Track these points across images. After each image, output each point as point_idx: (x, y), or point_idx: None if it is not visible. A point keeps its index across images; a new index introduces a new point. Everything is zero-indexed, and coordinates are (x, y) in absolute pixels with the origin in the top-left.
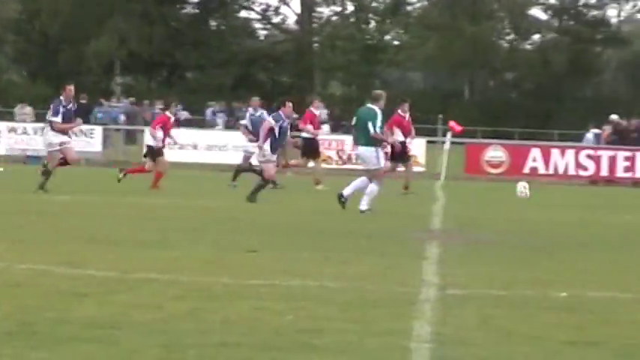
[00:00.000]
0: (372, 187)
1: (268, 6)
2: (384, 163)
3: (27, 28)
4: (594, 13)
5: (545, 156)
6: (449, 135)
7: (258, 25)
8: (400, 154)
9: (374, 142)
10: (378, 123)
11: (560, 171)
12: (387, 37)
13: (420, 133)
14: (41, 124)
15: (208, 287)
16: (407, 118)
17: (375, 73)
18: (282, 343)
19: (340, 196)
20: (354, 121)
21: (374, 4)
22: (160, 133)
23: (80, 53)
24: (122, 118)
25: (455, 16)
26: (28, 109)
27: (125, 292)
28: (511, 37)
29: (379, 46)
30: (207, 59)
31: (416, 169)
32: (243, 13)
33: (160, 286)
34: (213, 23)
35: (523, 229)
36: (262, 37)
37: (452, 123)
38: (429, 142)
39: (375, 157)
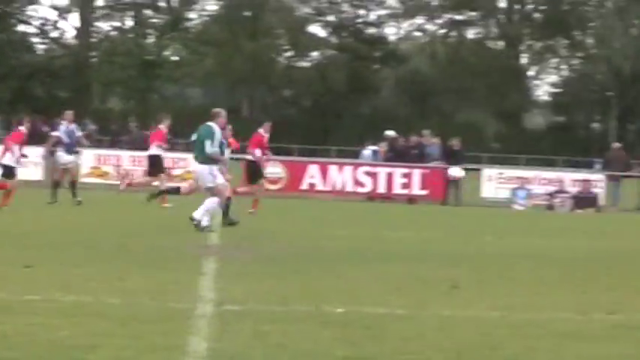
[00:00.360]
0: (212, 202)
1: (47, 20)
2: (220, 180)
3: None
4: (372, 30)
5: (323, 172)
6: (228, 151)
7: (35, 40)
8: (255, 173)
9: (209, 160)
10: (216, 142)
11: (338, 187)
12: (166, 53)
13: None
14: None
15: None
16: (266, 138)
17: (154, 89)
18: (56, 358)
19: (192, 218)
20: (193, 137)
21: (153, 20)
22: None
23: None
24: None
25: (234, 33)
26: None
27: None
28: (290, 53)
29: (157, 61)
30: None
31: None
32: (21, 27)
33: None
34: None
35: (301, 244)
36: (41, 52)
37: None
38: None
39: (208, 174)
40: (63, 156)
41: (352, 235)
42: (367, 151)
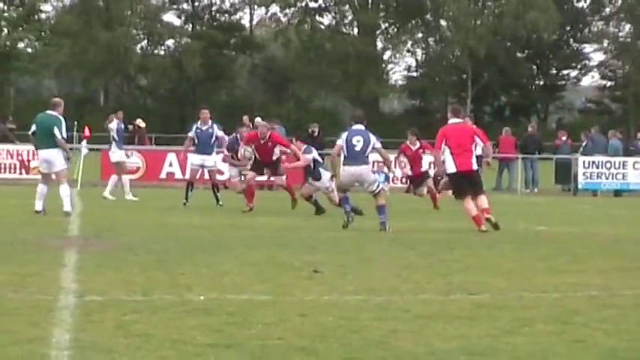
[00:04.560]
0: (65, 189)
1: None
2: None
3: None
4: (227, 18)
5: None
6: (84, 142)
7: None
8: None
9: (58, 145)
10: (64, 129)
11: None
12: (21, 45)
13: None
14: None
15: None
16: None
17: (9, 81)
18: None
19: (37, 212)
20: (34, 128)
21: (5, 13)
22: None
23: None
24: None
25: (89, 23)
26: None
27: None
28: (144, 42)
29: (12, 53)
30: None
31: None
32: None
33: None
34: None
35: (162, 234)
36: None
37: (86, 129)
38: None
39: (62, 157)
40: None
41: (211, 224)
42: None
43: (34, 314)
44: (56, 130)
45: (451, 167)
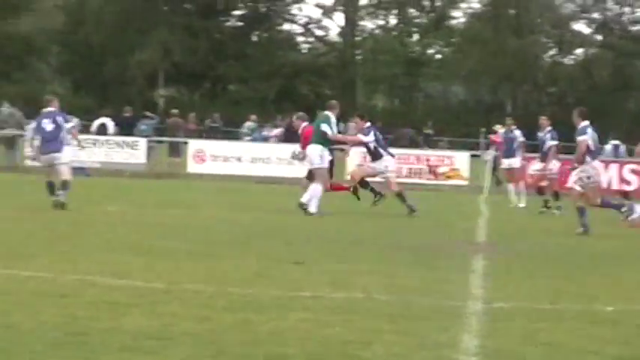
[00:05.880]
0: (315, 187)
1: (311, 19)
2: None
3: (71, 39)
4: (638, 27)
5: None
6: (491, 149)
7: (301, 38)
8: None
9: (321, 141)
10: (333, 126)
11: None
12: (430, 51)
13: (462, 146)
14: (86, 136)
15: (256, 299)
16: None
17: (418, 87)
18: (330, 355)
19: (301, 204)
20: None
21: (416, 19)
22: None
23: (124, 64)
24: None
25: (498, 30)
26: (75, 121)
27: (173, 303)
28: (554, 51)
29: (422, 59)
30: (250, 72)
31: (459, 182)
32: (286, 26)
33: (208, 297)
34: (256, 36)
35: (565, 243)
36: (305, 50)
37: (493, 136)
38: (472, 155)
39: (318, 155)
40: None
41: (619, 235)
42: (608, 146)
43: (443, 319)
44: (323, 126)
45: None
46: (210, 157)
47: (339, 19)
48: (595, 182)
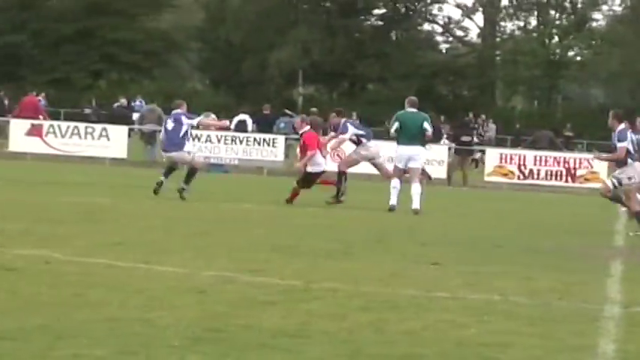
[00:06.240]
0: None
1: (451, 19)
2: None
3: (211, 37)
4: None
5: None
6: None
7: (440, 38)
8: None
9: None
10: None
11: None
12: (570, 53)
13: (602, 149)
14: (225, 133)
15: (392, 298)
16: None
17: (558, 89)
18: (466, 356)
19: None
20: (397, 126)
21: (557, 21)
22: None
23: (263, 62)
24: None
25: (639, 34)
26: (213, 117)
27: (310, 302)
28: None
29: (562, 61)
30: (388, 71)
31: (597, 185)
32: (425, 26)
33: (345, 296)
34: (395, 35)
35: None
36: (444, 50)
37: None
38: None
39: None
40: None
41: None
42: None
43: (580, 323)
44: (427, 126)
45: None
46: None
47: (478, 19)
48: (635, 183)
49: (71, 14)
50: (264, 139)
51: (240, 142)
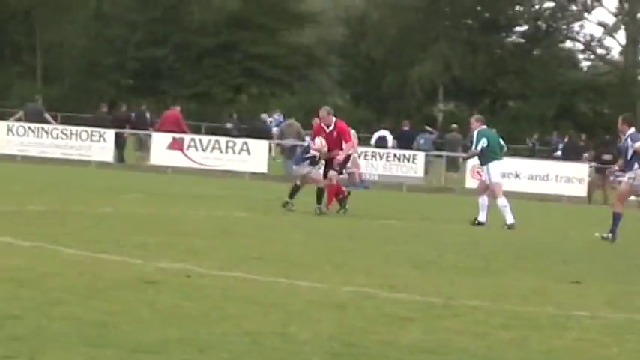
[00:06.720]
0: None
1: (592, 37)
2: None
3: (352, 52)
4: None
5: None
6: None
7: (581, 56)
8: None
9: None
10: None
11: None
12: None
13: None
14: (366, 149)
15: (533, 317)
16: None
17: None
18: None
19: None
20: (485, 143)
21: None
22: None
23: (404, 78)
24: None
25: None
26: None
27: (450, 318)
28: None
29: None
30: (529, 88)
31: None
32: (567, 44)
33: (485, 313)
34: (536, 52)
35: None
36: (585, 68)
37: None
38: None
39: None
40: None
41: None
42: None
43: None
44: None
45: None
46: None
47: (620, 37)
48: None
49: (212, 28)
50: (404, 156)
51: (381, 158)
